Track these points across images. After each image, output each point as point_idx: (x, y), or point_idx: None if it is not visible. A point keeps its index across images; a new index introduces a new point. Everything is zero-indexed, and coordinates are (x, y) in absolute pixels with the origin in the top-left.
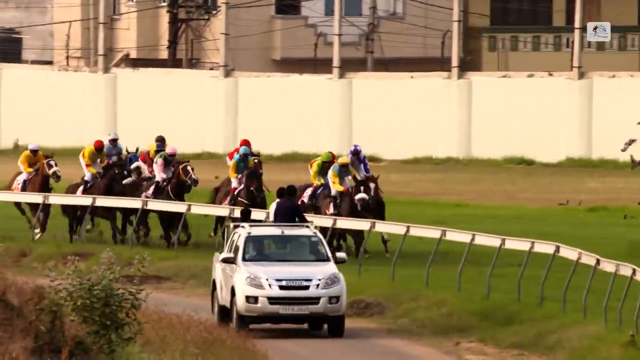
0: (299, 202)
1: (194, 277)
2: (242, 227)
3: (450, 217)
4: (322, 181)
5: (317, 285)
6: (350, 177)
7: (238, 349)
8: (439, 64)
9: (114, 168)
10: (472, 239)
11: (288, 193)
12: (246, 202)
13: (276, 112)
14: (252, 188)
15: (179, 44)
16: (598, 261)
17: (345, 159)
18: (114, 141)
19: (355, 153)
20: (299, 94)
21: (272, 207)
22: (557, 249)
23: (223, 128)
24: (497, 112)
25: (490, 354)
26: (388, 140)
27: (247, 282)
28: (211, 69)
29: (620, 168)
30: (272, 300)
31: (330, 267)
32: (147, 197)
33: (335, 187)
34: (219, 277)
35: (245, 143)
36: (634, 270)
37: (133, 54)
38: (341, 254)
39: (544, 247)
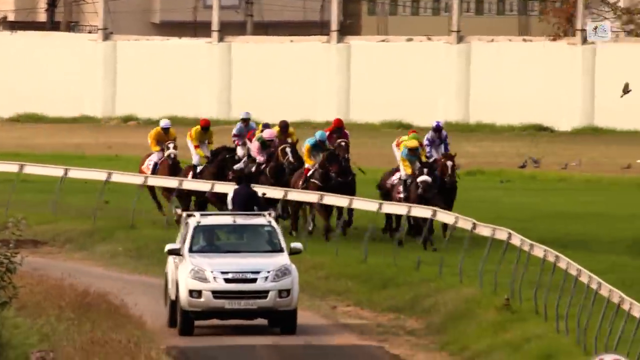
0: (388, 187)
1: (70, 241)
2: (193, 216)
3: None
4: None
5: (266, 278)
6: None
7: (113, 314)
8: (319, 28)
9: (223, 152)
10: (350, 203)
11: (246, 180)
12: (319, 184)
13: (155, 76)
14: (332, 172)
15: (58, 6)
16: (474, 225)
17: (415, 142)
18: (245, 121)
19: (437, 130)
20: (178, 58)
21: (230, 195)
22: (434, 213)
23: (102, 92)
24: (376, 76)
25: (367, 318)
26: (267, 104)
27: (191, 274)
28: (90, 32)
29: (497, 132)
30: (217, 294)
31: (282, 259)
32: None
33: (406, 170)
34: (170, 269)
35: (338, 123)
36: (510, 234)
37: (11, 17)
38: (296, 244)
39: (421, 212)
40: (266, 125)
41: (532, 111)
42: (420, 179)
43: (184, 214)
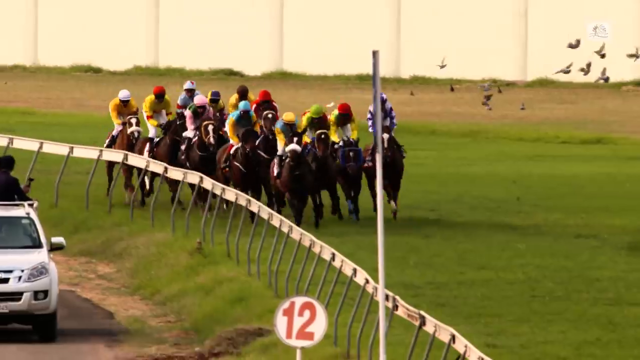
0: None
1: None
2: None
3: (18, 124)
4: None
5: (19, 278)
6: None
7: None
8: None
9: (176, 121)
10: (40, 147)
11: (4, 165)
12: (241, 167)
13: None
14: (247, 149)
15: None
16: (166, 169)
17: (291, 115)
18: (189, 91)
19: (381, 102)
20: None
21: None
22: (125, 157)
23: None
24: (64, 18)
25: (58, 262)
26: None
27: None
28: None
29: (186, 76)
30: None
31: (40, 256)
32: (181, 155)
33: (280, 144)
34: None
35: (265, 95)
36: (201, 177)
37: None
38: (58, 239)
39: (116, 156)
40: (215, 94)
41: (222, 55)
42: (288, 148)
43: None
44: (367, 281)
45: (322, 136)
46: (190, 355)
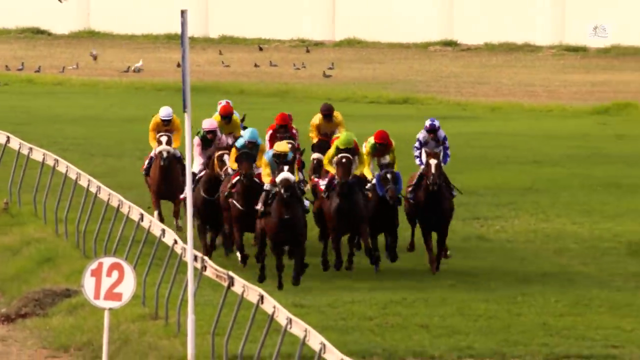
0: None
1: None
2: None
3: None
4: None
5: None
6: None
7: None
8: None
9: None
10: None
11: None
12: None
13: None
14: (242, 174)
15: None
16: None
17: (284, 146)
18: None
19: (432, 130)
20: None
21: None
22: None
23: None
24: None
25: None
26: None
27: None
28: None
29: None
30: None
31: None
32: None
33: (266, 181)
34: None
35: (283, 119)
36: (8, 137)
37: None
38: None
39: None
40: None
41: (28, 13)
42: (279, 177)
43: None
44: (175, 242)
45: (343, 160)
46: None
